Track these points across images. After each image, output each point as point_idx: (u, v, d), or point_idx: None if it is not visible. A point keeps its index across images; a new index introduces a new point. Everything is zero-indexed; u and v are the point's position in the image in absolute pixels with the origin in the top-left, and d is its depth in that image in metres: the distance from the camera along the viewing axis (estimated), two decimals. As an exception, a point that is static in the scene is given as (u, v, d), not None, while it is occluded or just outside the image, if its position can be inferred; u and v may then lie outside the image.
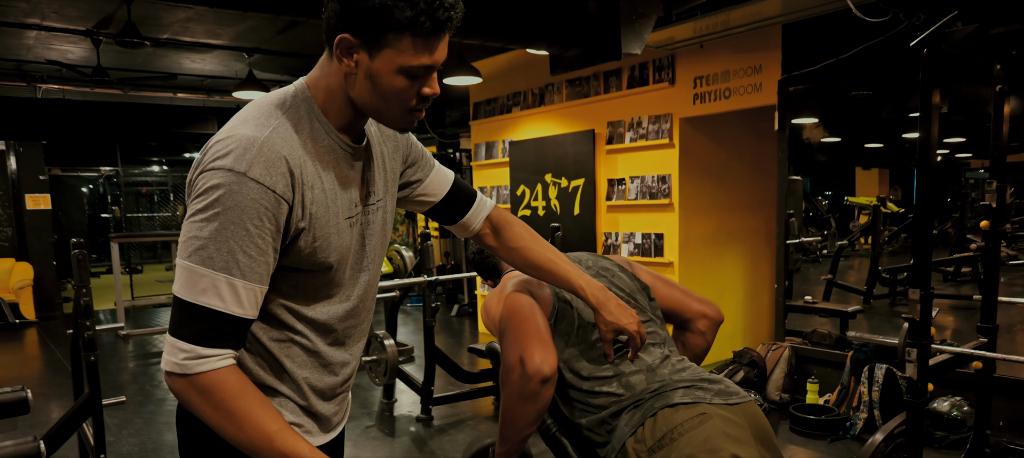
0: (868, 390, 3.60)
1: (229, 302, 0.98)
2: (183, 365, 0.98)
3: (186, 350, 0.98)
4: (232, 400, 0.99)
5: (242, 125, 1.02)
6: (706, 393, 1.45)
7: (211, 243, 0.97)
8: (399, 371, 4.19)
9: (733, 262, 5.16)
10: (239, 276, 0.98)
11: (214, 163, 0.98)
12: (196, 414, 1.01)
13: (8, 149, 7.93)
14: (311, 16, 3.27)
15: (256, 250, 0.99)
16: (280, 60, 6.65)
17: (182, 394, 1.00)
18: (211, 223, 0.97)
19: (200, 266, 0.97)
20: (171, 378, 0.99)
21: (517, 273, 1.67)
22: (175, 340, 0.98)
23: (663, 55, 4.76)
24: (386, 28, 0.99)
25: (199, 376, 0.98)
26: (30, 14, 5.05)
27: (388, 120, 1.10)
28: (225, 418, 0.99)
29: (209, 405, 0.99)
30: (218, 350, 0.99)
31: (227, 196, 0.96)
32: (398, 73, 1.02)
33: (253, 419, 1.00)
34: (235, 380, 1.00)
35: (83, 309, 2.92)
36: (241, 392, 1.00)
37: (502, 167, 6.24)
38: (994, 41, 2.77)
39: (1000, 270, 3.07)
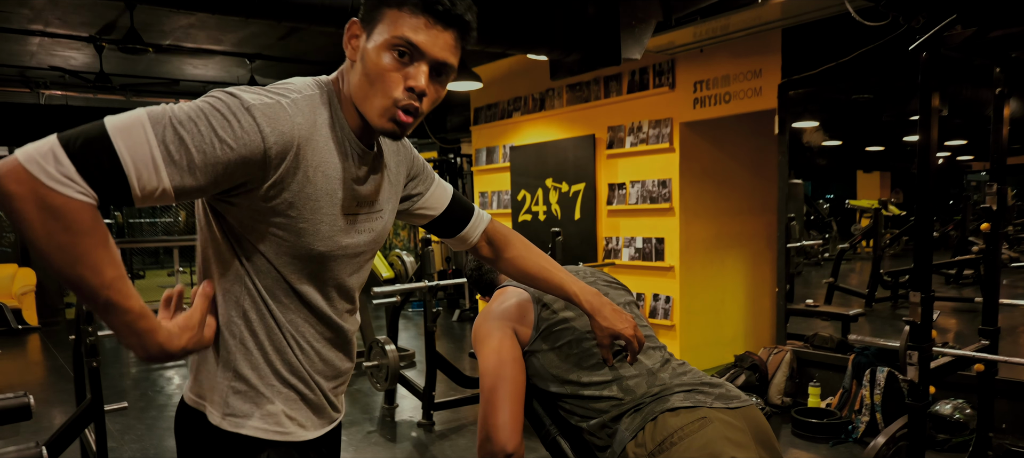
0: (870, 393, 3.60)
1: (135, 176, 0.88)
2: (49, 174, 0.82)
3: (64, 166, 0.83)
4: (78, 234, 0.85)
5: (268, 88, 1.01)
6: (707, 397, 1.45)
7: (177, 123, 0.90)
8: (400, 376, 4.20)
9: (734, 266, 5.16)
10: (167, 164, 0.89)
11: (232, 89, 0.97)
12: (22, 227, 0.84)
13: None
14: (312, 23, 3.28)
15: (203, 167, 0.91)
16: (281, 66, 6.68)
17: (17, 198, 0.82)
18: (191, 113, 0.91)
19: (150, 124, 0.88)
20: (18, 174, 0.82)
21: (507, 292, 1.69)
22: (60, 148, 0.84)
23: (663, 60, 4.77)
24: (381, 4, 1.02)
25: (55, 193, 0.83)
26: (33, 21, 5.08)
27: (371, 112, 1.04)
28: (59, 248, 0.84)
29: (44, 226, 0.83)
30: (89, 194, 0.86)
31: (223, 110, 0.93)
32: (384, 49, 1.01)
33: (92, 258, 0.86)
34: (91, 217, 0.86)
35: (85, 315, 2.93)
36: (92, 229, 0.86)
37: (503, 172, 6.25)
38: (993, 44, 2.78)
39: (1002, 272, 3.07)
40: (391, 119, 1.04)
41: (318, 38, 5.65)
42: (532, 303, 1.64)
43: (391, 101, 1.03)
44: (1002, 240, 2.96)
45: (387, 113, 1.04)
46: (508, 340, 1.59)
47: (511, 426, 1.50)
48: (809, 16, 3.77)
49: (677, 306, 4.82)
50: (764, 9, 3.61)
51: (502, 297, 1.69)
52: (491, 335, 1.60)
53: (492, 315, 1.64)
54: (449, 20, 1.02)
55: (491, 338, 1.60)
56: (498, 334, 1.60)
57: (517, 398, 1.55)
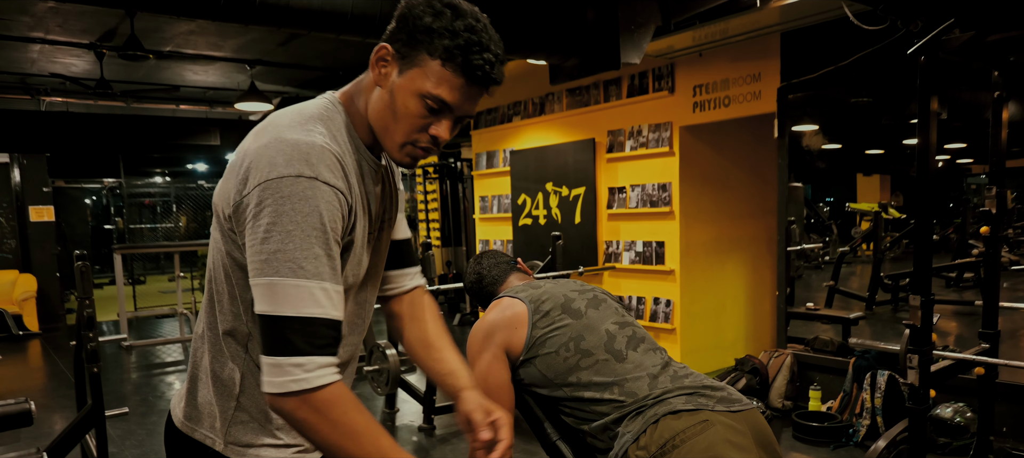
0: (871, 396, 3.60)
1: (327, 306, 0.95)
2: (300, 380, 0.92)
3: (300, 363, 0.92)
4: (350, 414, 0.95)
5: (287, 131, 0.99)
6: (708, 400, 1.46)
7: (298, 253, 0.93)
8: (401, 381, 4.20)
9: (734, 269, 5.17)
10: (329, 281, 0.96)
11: (279, 172, 0.94)
12: (310, 436, 0.95)
13: (12, 161, 7.96)
14: (311, 29, 3.30)
15: (335, 252, 0.98)
16: (282, 71, 6.69)
17: (293, 414, 0.94)
18: (292, 235, 0.93)
19: (291, 278, 0.93)
20: (282, 400, 0.93)
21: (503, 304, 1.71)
22: (283, 358, 0.92)
23: (662, 64, 4.78)
24: (422, 48, 1.00)
25: (317, 392, 0.93)
26: (34, 28, 5.09)
27: (390, 143, 1.06)
28: (343, 434, 0.95)
29: (326, 422, 0.94)
30: (332, 358, 0.95)
31: (302, 202, 0.94)
32: (416, 96, 1.02)
33: (371, 434, 0.96)
34: (350, 394, 0.97)
35: (86, 321, 2.93)
36: (356, 405, 0.97)
37: (503, 176, 6.26)
38: (991, 48, 2.79)
39: (1002, 275, 3.07)
40: (408, 154, 1.07)
41: (318, 44, 5.66)
42: (527, 312, 1.65)
43: (411, 140, 1.05)
44: (1002, 243, 2.97)
45: (404, 149, 1.06)
46: (497, 362, 1.62)
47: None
48: (808, 20, 3.78)
49: (677, 309, 4.82)
50: (763, 13, 3.62)
51: (497, 308, 1.71)
52: (480, 357, 1.63)
53: (486, 327, 1.67)
54: (484, 82, 1.03)
55: (480, 360, 1.63)
56: (487, 355, 1.63)
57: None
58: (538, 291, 1.71)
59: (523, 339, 1.62)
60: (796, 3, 3.44)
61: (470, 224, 7.71)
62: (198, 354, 1.13)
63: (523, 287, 1.76)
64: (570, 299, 1.68)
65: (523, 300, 1.68)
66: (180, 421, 1.13)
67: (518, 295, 1.71)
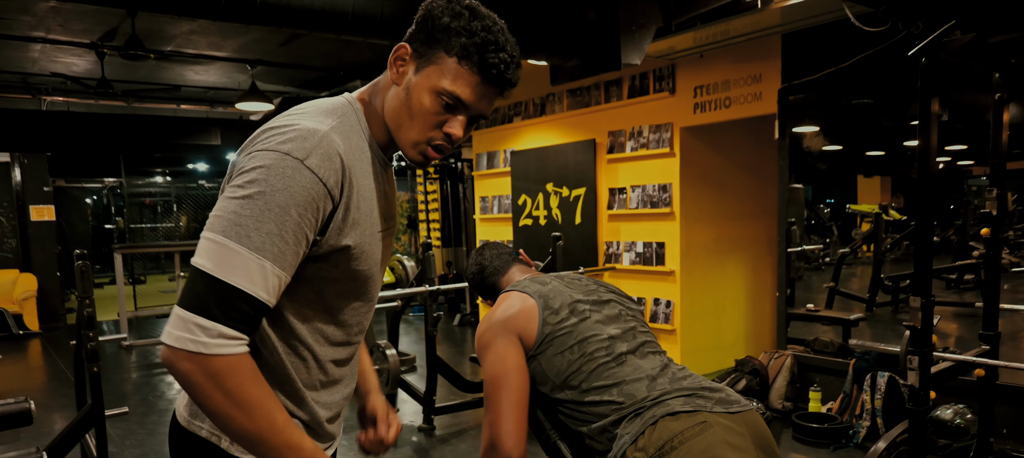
0: (871, 398, 3.60)
1: (258, 285, 0.94)
2: (200, 343, 0.90)
3: (207, 327, 0.91)
4: (246, 387, 0.93)
5: (299, 117, 1.01)
6: (707, 401, 1.45)
7: (251, 221, 0.93)
8: (401, 381, 4.20)
9: (735, 270, 5.17)
10: (271, 260, 0.94)
11: (272, 146, 0.96)
12: (197, 398, 0.93)
13: (12, 161, 7.97)
14: (313, 29, 3.30)
15: (293, 239, 0.96)
16: (282, 71, 6.70)
17: (188, 376, 0.91)
18: (255, 201, 0.93)
19: (234, 242, 0.92)
20: (177, 355, 0.91)
21: (511, 297, 1.69)
22: (192, 315, 0.91)
23: (663, 65, 4.78)
24: (440, 46, 1.03)
25: (215, 358, 0.91)
26: (36, 27, 5.10)
27: (404, 140, 1.08)
28: (235, 405, 0.93)
29: (218, 390, 0.92)
30: (239, 334, 0.93)
31: (279, 178, 0.94)
32: (432, 92, 1.04)
33: (264, 408, 0.95)
34: (251, 366, 0.95)
35: (86, 320, 2.93)
36: (255, 379, 0.95)
37: (504, 177, 6.26)
38: (992, 50, 2.79)
39: (1002, 277, 3.07)
40: (422, 153, 1.08)
41: (319, 43, 5.66)
42: (537, 308, 1.63)
43: (426, 138, 1.07)
44: (1002, 245, 2.96)
45: (418, 147, 1.08)
46: (512, 348, 1.60)
47: (516, 434, 1.52)
48: (809, 21, 3.78)
49: (678, 310, 4.82)
50: (764, 14, 3.62)
51: (507, 302, 1.68)
52: (495, 343, 1.61)
53: (496, 321, 1.64)
54: (499, 82, 1.06)
55: (495, 345, 1.60)
56: (502, 342, 1.60)
57: (521, 406, 1.56)
58: (546, 288, 1.69)
59: (536, 332, 1.61)
60: (797, 4, 3.44)
61: (470, 224, 7.71)
62: None
63: (529, 282, 1.74)
64: (576, 300, 1.66)
65: (532, 295, 1.66)
66: (185, 418, 1.12)
67: (526, 290, 1.69)
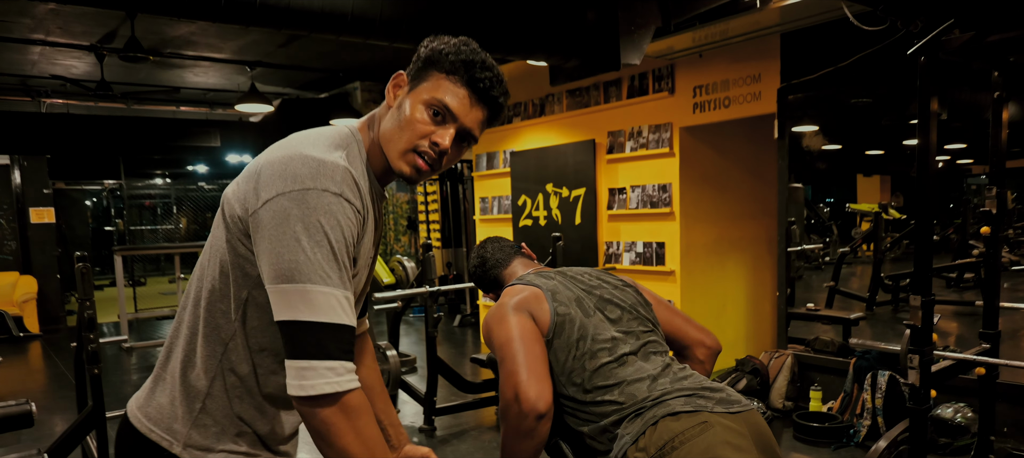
0: (871, 397, 3.60)
1: (350, 317, 1.01)
2: (333, 383, 0.97)
3: (333, 367, 0.97)
4: (371, 425, 1.02)
5: (311, 148, 1.04)
6: (708, 401, 1.45)
7: (325, 261, 0.98)
8: (402, 382, 4.20)
9: (735, 270, 5.17)
10: (343, 290, 1.01)
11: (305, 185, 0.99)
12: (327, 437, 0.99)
13: (12, 163, 7.97)
14: (312, 31, 3.30)
15: (349, 266, 1.04)
16: (282, 73, 6.70)
17: (324, 417, 0.98)
18: (320, 243, 0.98)
19: (321, 285, 0.98)
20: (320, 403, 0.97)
21: (518, 289, 1.68)
22: (316, 361, 0.97)
23: (662, 65, 4.78)
24: (432, 66, 1.12)
25: (349, 395, 0.99)
26: (35, 30, 5.10)
27: (393, 152, 1.12)
28: (359, 440, 1.00)
29: (351, 428, 0.99)
30: (354, 365, 1.01)
31: (329, 216, 0.99)
32: (421, 104, 1.11)
33: (381, 444, 1.03)
34: (368, 403, 1.03)
35: (87, 322, 2.93)
36: (370, 410, 1.03)
37: (503, 177, 6.27)
38: (991, 48, 2.79)
39: (1002, 275, 3.07)
40: (410, 162, 1.12)
41: (318, 45, 5.67)
42: (546, 297, 1.62)
43: (413, 146, 1.11)
44: (1002, 243, 2.97)
45: (407, 155, 1.12)
46: (526, 320, 1.57)
47: (537, 386, 1.44)
48: (808, 21, 3.78)
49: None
50: (763, 14, 3.62)
51: (514, 291, 1.66)
52: (506, 317, 1.57)
53: (507, 305, 1.61)
54: (486, 99, 1.13)
55: (507, 320, 1.57)
56: (513, 317, 1.57)
57: (540, 360, 1.50)
58: (552, 282, 1.68)
59: (549, 315, 1.58)
60: (796, 4, 3.44)
61: (470, 225, 7.71)
62: (169, 354, 1.14)
63: (534, 276, 1.72)
64: (581, 298, 1.65)
65: (539, 286, 1.66)
66: (137, 419, 1.13)
67: (533, 282, 1.67)
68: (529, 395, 1.43)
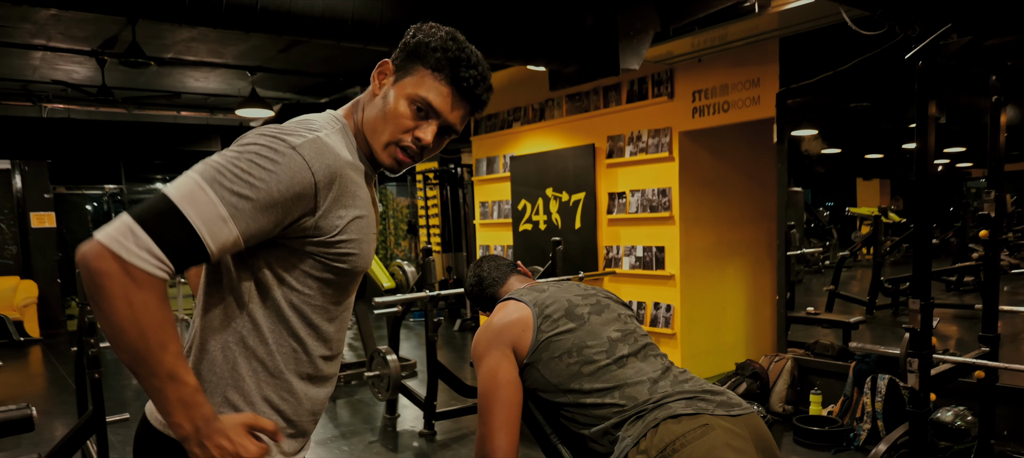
0: (871, 401, 3.60)
1: (207, 231, 0.94)
2: (127, 250, 0.90)
3: (138, 236, 0.90)
4: (152, 307, 0.92)
5: (296, 125, 1.08)
6: (708, 404, 1.46)
7: (233, 179, 0.96)
8: (402, 386, 4.20)
9: (734, 274, 5.17)
10: (234, 217, 0.96)
11: (270, 132, 1.02)
12: (99, 299, 0.90)
13: (13, 168, 7.98)
14: (312, 36, 3.31)
15: (263, 211, 0.98)
16: (282, 78, 6.71)
17: (100, 276, 0.89)
18: (240, 162, 0.97)
19: (208, 185, 0.95)
20: (101, 251, 0.89)
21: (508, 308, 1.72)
22: (133, 223, 0.91)
23: (662, 69, 4.79)
24: (417, 60, 1.13)
25: (138, 271, 0.90)
26: (36, 35, 5.11)
27: (376, 143, 1.14)
28: (134, 322, 0.91)
29: (125, 302, 0.90)
30: (165, 261, 0.93)
31: (270, 155, 0.99)
32: (405, 99, 1.13)
33: (163, 339, 0.93)
34: (164, 292, 0.94)
35: (87, 326, 2.94)
36: (163, 304, 0.94)
37: (503, 182, 6.27)
38: (989, 53, 2.81)
39: (1002, 279, 3.08)
40: (391, 155, 1.14)
41: (318, 50, 5.68)
42: (532, 317, 1.65)
43: (396, 139, 1.14)
44: (1001, 247, 2.97)
45: (389, 148, 1.14)
46: (505, 361, 1.62)
47: (506, 450, 1.54)
48: (806, 26, 3.80)
49: (678, 314, 4.82)
50: (761, 19, 3.64)
51: (503, 311, 1.71)
52: (488, 354, 1.63)
53: (491, 331, 1.66)
54: (469, 97, 1.15)
55: (488, 357, 1.63)
56: (496, 353, 1.63)
57: (512, 421, 1.58)
58: (542, 295, 1.71)
59: (529, 341, 1.62)
60: (794, 9, 3.45)
61: (470, 230, 7.72)
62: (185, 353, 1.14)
63: (526, 291, 1.76)
64: (573, 304, 1.67)
65: (527, 304, 1.68)
66: (155, 417, 1.14)
67: (523, 299, 1.71)
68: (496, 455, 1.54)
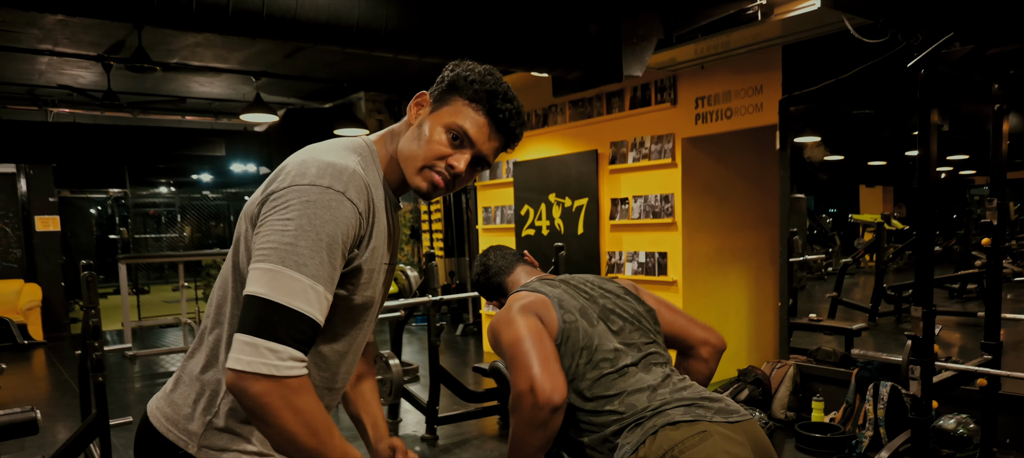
0: (874, 408, 3.59)
1: (315, 308, 0.99)
2: (272, 365, 0.95)
3: (275, 350, 0.95)
4: (313, 406, 0.99)
5: (325, 154, 1.08)
6: (707, 411, 1.47)
7: (306, 251, 0.98)
8: (404, 391, 4.20)
9: (737, 280, 5.17)
10: (322, 284, 1.00)
11: (311, 180, 1.02)
12: (268, 419, 0.96)
13: (18, 171, 8.02)
14: (317, 42, 3.33)
15: (338, 264, 1.03)
16: (286, 83, 6.75)
17: (262, 398, 0.95)
18: (306, 232, 0.99)
19: (293, 271, 0.98)
20: (253, 380, 0.94)
21: (523, 295, 1.69)
22: (262, 340, 0.95)
23: (665, 76, 4.81)
24: (455, 92, 1.16)
25: (292, 379, 0.96)
26: (43, 40, 5.15)
27: (410, 169, 1.15)
28: (304, 425, 0.98)
29: (291, 410, 0.97)
30: (303, 356, 0.99)
31: (325, 210, 1.01)
32: (442, 127, 1.14)
33: (328, 425, 1.02)
34: (312, 386, 1.01)
35: (91, 330, 2.95)
36: (318, 398, 1.01)
37: (506, 187, 6.29)
38: (991, 61, 2.81)
39: (1005, 287, 3.08)
40: (426, 179, 1.15)
41: (323, 56, 5.71)
42: (552, 303, 1.62)
43: (430, 164, 1.15)
44: (1004, 254, 2.97)
45: (424, 172, 1.15)
46: (535, 321, 1.57)
47: (552, 379, 1.44)
48: (809, 33, 3.80)
49: (680, 321, 4.81)
50: (764, 26, 3.65)
51: (520, 297, 1.67)
52: (514, 319, 1.58)
53: (514, 308, 1.62)
54: (504, 130, 1.18)
55: (515, 321, 1.57)
56: (522, 318, 1.57)
57: (552, 356, 1.50)
58: (557, 290, 1.68)
59: (557, 320, 1.59)
60: (797, 17, 3.46)
61: (473, 235, 7.73)
62: (190, 356, 1.16)
63: (539, 283, 1.73)
64: (585, 307, 1.66)
65: (545, 294, 1.66)
66: (156, 418, 1.15)
67: (539, 290, 1.68)
68: (545, 387, 1.44)
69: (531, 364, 1.47)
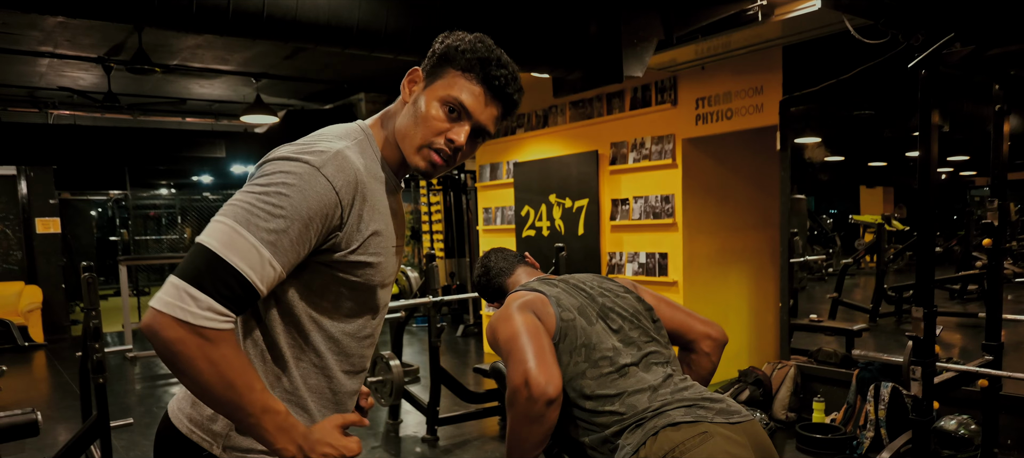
0: (874, 409, 3.59)
1: (255, 272, 0.97)
2: (188, 312, 0.92)
3: (198, 298, 0.93)
4: (230, 358, 0.96)
5: (315, 141, 1.08)
6: (707, 412, 1.46)
7: (264, 213, 0.97)
8: (404, 392, 4.20)
9: (737, 281, 5.17)
10: (272, 252, 0.98)
11: (291, 154, 1.03)
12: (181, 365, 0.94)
13: (19, 174, 8.03)
14: (318, 43, 3.33)
15: (298, 239, 1.00)
16: (287, 84, 6.75)
17: (176, 344, 0.93)
18: (269, 197, 0.98)
19: (244, 228, 0.96)
20: (164, 320, 0.92)
21: (521, 294, 1.69)
22: (186, 284, 0.93)
23: (665, 76, 4.81)
24: (448, 64, 1.13)
25: (210, 330, 0.94)
26: (44, 42, 5.16)
27: (409, 148, 1.14)
28: (219, 377, 0.95)
29: (207, 362, 0.94)
30: (227, 312, 0.96)
31: (296, 181, 1.00)
32: (438, 101, 1.12)
33: (249, 383, 0.98)
34: (234, 339, 0.98)
35: (92, 332, 2.95)
36: (237, 350, 0.98)
37: (507, 188, 6.29)
38: (992, 62, 2.81)
39: (1006, 287, 3.07)
40: (425, 158, 1.13)
41: (323, 57, 5.71)
42: (550, 302, 1.63)
43: (429, 141, 1.13)
44: (1005, 255, 2.97)
45: (422, 150, 1.13)
46: (532, 318, 1.58)
47: (547, 373, 1.45)
48: (809, 34, 3.80)
49: (681, 322, 4.81)
50: (765, 27, 3.65)
51: (518, 296, 1.68)
52: (512, 316, 1.59)
53: (512, 306, 1.63)
54: (500, 96, 1.15)
55: (512, 318, 1.58)
56: (520, 315, 1.58)
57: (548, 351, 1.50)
58: (555, 290, 1.69)
59: (554, 318, 1.59)
60: (798, 17, 3.46)
61: (474, 236, 7.73)
62: None
63: (538, 282, 1.73)
64: (584, 306, 1.66)
65: (543, 292, 1.67)
66: (178, 419, 1.14)
67: (537, 289, 1.69)
68: (539, 380, 1.44)
69: (526, 358, 1.48)
